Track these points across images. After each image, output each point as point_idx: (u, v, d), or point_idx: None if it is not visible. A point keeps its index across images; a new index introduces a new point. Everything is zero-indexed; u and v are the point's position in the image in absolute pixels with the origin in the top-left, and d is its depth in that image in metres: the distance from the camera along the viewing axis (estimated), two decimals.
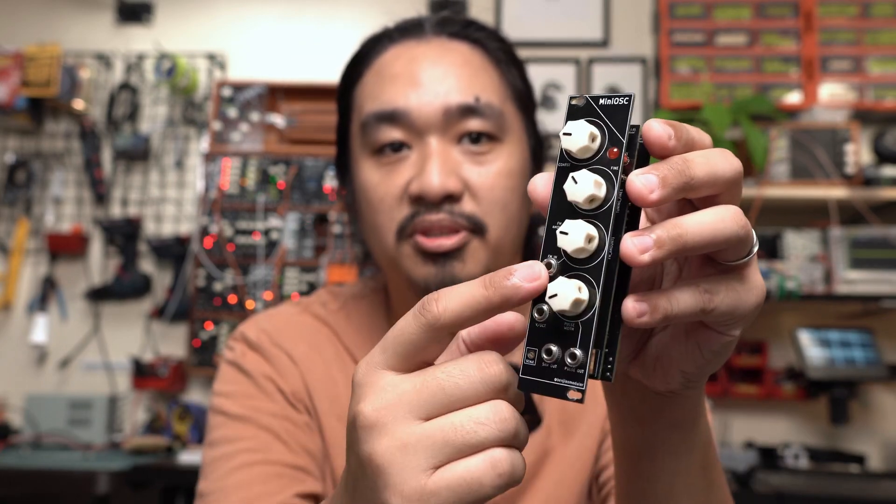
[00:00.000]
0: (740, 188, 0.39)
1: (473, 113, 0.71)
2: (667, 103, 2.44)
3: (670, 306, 0.36)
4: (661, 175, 0.35)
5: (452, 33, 0.76)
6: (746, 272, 0.39)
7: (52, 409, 2.35)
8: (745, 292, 0.39)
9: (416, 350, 0.37)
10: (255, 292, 2.40)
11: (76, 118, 2.61)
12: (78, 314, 2.55)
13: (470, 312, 0.36)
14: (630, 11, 2.58)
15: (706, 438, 0.50)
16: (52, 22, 2.69)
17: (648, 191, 0.35)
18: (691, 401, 0.45)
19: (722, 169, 0.37)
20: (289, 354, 0.76)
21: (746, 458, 2.06)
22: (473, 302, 0.36)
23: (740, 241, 0.37)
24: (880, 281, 2.11)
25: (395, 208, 0.71)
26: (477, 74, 0.73)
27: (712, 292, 0.37)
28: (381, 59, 0.75)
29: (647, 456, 0.48)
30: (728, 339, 0.40)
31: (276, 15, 2.67)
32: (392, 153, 0.72)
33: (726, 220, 0.36)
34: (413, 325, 0.37)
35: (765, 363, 2.24)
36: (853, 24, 2.44)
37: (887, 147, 2.21)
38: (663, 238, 0.35)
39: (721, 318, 0.38)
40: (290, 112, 2.50)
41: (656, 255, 0.34)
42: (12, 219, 2.58)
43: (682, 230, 0.35)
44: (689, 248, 0.35)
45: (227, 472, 0.69)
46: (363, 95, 0.75)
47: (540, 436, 0.73)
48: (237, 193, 2.45)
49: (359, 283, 0.86)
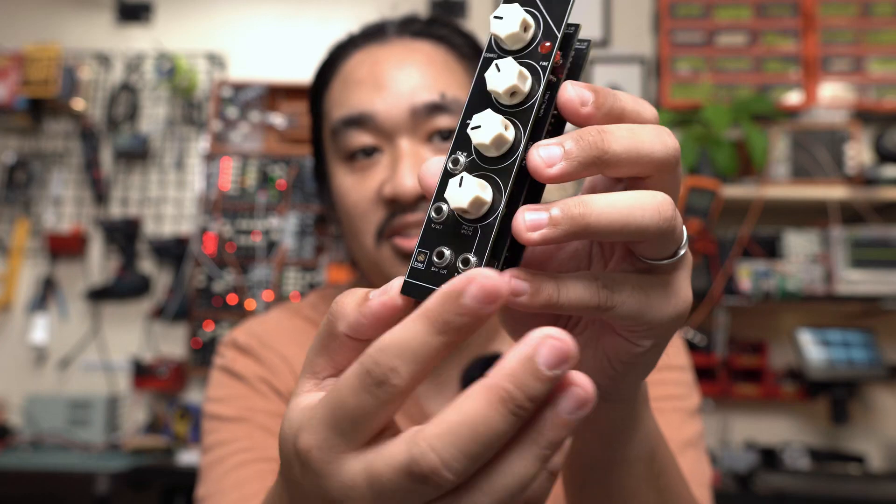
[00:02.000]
0: (677, 175, 0.34)
1: (441, 110, 0.70)
2: (667, 103, 2.44)
3: (556, 293, 0.31)
4: (564, 146, 0.31)
5: (415, 33, 0.76)
6: (670, 277, 0.34)
7: (52, 409, 2.35)
8: (660, 298, 0.34)
9: (376, 426, 0.29)
10: (255, 292, 2.40)
11: (76, 118, 2.61)
12: (78, 314, 2.54)
13: (430, 366, 0.28)
14: (630, 11, 2.58)
15: (649, 448, 0.46)
16: (52, 22, 2.69)
17: (546, 165, 0.30)
18: (618, 415, 0.42)
19: (649, 146, 0.32)
20: (280, 355, 0.77)
21: (747, 458, 2.06)
22: (434, 353, 0.28)
23: (659, 236, 0.32)
24: (880, 281, 2.11)
25: (370, 212, 0.71)
26: (441, 72, 0.73)
27: (612, 290, 0.32)
28: (347, 66, 0.75)
29: (581, 468, 0.46)
30: (638, 349, 0.35)
31: (276, 15, 2.67)
32: (364, 158, 0.72)
33: (646, 207, 0.31)
34: (370, 403, 0.28)
35: (765, 363, 2.24)
36: (853, 24, 2.43)
37: (888, 147, 2.21)
38: (558, 217, 0.30)
39: (624, 322, 0.34)
40: (290, 112, 2.50)
41: (548, 235, 0.30)
42: (12, 219, 2.58)
43: (586, 210, 0.30)
44: (592, 233, 0.31)
45: (224, 473, 0.69)
46: (331, 102, 0.75)
47: None
48: (237, 193, 2.45)
49: (349, 284, 0.86)
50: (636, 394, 0.42)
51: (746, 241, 2.17)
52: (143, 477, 2.02)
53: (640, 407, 0.44)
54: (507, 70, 0.32)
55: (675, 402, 0.71)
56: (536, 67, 0.32)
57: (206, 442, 0.73)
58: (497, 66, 0.32)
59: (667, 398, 0.71)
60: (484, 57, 0.33)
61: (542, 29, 0.33)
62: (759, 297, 2.12)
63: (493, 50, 0.33)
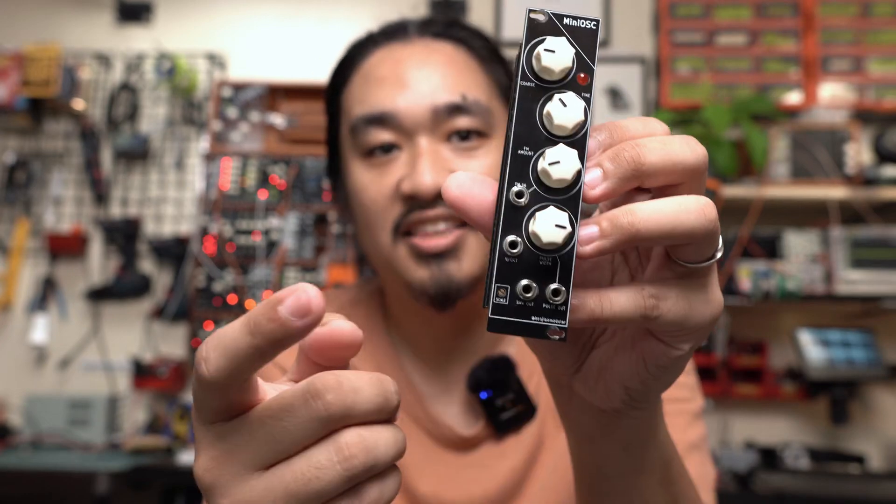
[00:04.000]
0: (704, 180, 0.35)
1: (461, 111, 0.71)
2: (667, 103, 2.44)
3: (600, 307, 0.32)
4: (604, 167, 0.32)
5: (436, 34, 0.76)
6: (706, 280, 0.35)
7: (52, 409, 2.35)
8: (701, 303, 0.35)
9: (213, 407, 0.32)
10: (255, 292, 2.40)
11: (76, 118, 2.61)
12: (78, 314, 2.54)
13: (241, 367, 0.30)
14: (630, 11, 2.58)
15: (665, 455, 0.46)
16: (52, 22, 2.69)
17: (590, 187, 0.32)
18: (641, 422, 0.42)
19: (681, 155, 0.33)
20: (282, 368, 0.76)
21: (747, 458, 2.06)
22: (242, 354, 0.30)
23: (706, 237, 0.33)
24: (880, 281, 2.11)
25: (388, 208, 0.71)
26: (462, 73, 0.74)
27: (659, 297, 0.33)
28: (367, 63, 0.75)
29: (600, 476, 0.46)
30: (677, 353, 0.36)
31: (276, 15, 2.67)
32: (382, 154, 0.72)
33: (691, 210, 0.32)
34: (196, 386, 0.32)
35: (765, 363, 2.24)
36: (853, 24, 2.44)
37: (887, 147, 2.21)
38: (608, 228, 0.31)
39: (668, 329, 0.34)
40: (290, 112, 2.50)
41: (601, 246, 0.31)
42: (12, 219, 2.58)
43: (634, 218, 0.31)
44: (642, 239, 0.31)
45: None
46: (351, 99, 0.75)
47: (535, 426, 0.73)
48: (237, 193, 2.45)
49: (354, 287, 0.86)
50: (659, 401, 0.42)
51: (746, 241, 2.18)
52: (143, 477, 2.02)
53: (659, 413, 0.44)
54: (574, 106, 0.33)
55: (680, 404, 0.71)
56: (582, 99, 0.33)
57: None
58: (562, 101, 0.33)
59: (672, 401, 0.71)
60: (522, 85, 0.33)
61: (576, 61, 0.33)
62: (759, 297, 2.12)
63: (529, 79, 0.34)
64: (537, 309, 0.32)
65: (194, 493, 1.98)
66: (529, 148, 0.33)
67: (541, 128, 0.33)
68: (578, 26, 0.34)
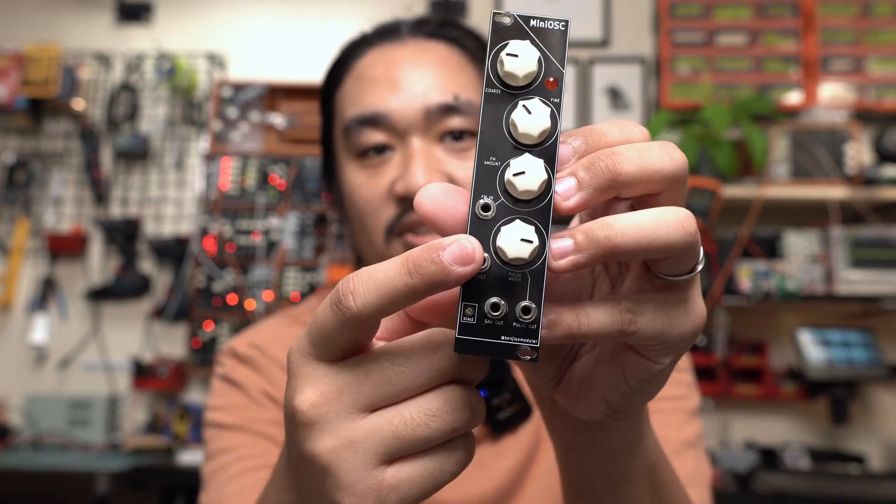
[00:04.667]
0: (685, 188, 0.34)
1: (453, 111, 0.71)
2: (667, 103, 2.44)
3: (577, 323, 0.31)
4: (578, 176, 0.31)
5: (429, 34, 0.76)
6: (686, 293, 0.34)
7: (52, 409, 2.35)
8: (680, 317, 0.33)
9: (339, 344, 0.33)
10: (255, 292, 2.40)
11: (76, 118, 2.61)
12: (78, 314, 2.54)
13: (391, 304, 0.31)
14: (630, 11, 2.58)
15: (652, 462, 0.46)
16: (52, 22, 2.69)
17: (563, 198, 0.31)
18: (625, 432, 0.41)
19: (659, 162, 0.32)
20: (280, 364, 0.76)
21: (746, 458, 2.06)
22: (395, 292, 0.30)
23: (685, 251, 0.32)
24: (880, 281, 2.11)
25: (381, 208, 0.71)
26: (455, 73, 0.74)
27: (636, 312, 0.32)
28: (360, 64, 0.75)
29: (586, 485, 0.46)
30: (657, 367, 0.35)
31: (276, 15, 2.67)
32: (376, 155, 0.72)
33: (670, 223, 0.31)
34: (332, 320, 0.32)
35: (765, 363, 2.24)
36: (853, 24, 2.43)
37: (888, 147, 2.21)
38: (584, 242, 0.30)
39: (646, 343, 0.33)
40: (290, 112, 2.50)
41: (576, 261, 0.30)
42: (12, 219, 2.58)
43: (611, 231, 0.30)
44: (620, 253, 0.30)
45: (226, 480, 0.69)
46: (344, 100, 0.75)
47: (531, 426, 0.73)
48: (237, 193, 2.45)
49: None
50: (643, 409, 0.42)
51: (746, 241, 2.17)
52: (143, 477, 2.02)
53: (644, 421, 0.44)
54: (539, 113, 0.31)
55: (676, 402, 0.71)
56: (550, 105, 0.32)
57: (209, 450, 0.74)
58: (526, 108, 0.31)
59: (668, 398, 0.71)
60: (487, 92, 0.32)
61: (545, 65, 0.32)
62: (759, 297, 2.12)
63: (495, 85, 0.32)
64: (507, 328, 0.31)
65: (194, 493, 1.98)
66: (496, 158, 0.31)
67: (508, 137, 0.32)
68: (546, 28, 0.32)
